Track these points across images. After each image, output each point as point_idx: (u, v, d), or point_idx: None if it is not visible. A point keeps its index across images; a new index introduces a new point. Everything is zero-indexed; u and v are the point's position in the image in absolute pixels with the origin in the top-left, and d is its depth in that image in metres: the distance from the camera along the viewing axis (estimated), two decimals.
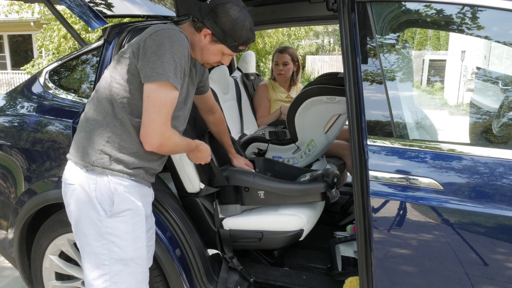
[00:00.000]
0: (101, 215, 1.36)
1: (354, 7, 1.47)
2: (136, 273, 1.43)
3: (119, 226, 1.38)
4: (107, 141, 1.37)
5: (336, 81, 2.19)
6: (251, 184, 1.85)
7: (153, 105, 1.31)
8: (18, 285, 2.61)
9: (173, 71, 1.30)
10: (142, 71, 1.32)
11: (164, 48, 1.29)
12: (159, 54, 1.29)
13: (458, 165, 1.35)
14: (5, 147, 2.02)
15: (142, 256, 1.45)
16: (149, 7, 2.67)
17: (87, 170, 1.37)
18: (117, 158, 1.37)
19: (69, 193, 1.42)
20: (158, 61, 1.29)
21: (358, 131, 1.43)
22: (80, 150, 1.40)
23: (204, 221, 1.87)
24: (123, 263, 1.40)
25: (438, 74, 13.20)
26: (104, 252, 1.38)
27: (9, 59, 16.49)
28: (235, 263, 1.87)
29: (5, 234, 2.11)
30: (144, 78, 1.31)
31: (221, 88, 2.67)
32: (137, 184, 1.43)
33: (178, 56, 1.31)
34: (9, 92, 2.22)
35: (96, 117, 1.39)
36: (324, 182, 1.83)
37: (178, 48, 1.31)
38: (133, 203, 1.40)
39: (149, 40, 1.31)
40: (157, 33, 1.32)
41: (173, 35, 1.31)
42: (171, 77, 1.30)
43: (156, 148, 1.37)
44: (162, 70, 1.29)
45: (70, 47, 9.04)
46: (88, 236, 1.39)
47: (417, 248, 1.38)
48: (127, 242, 1.39)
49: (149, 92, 1.31)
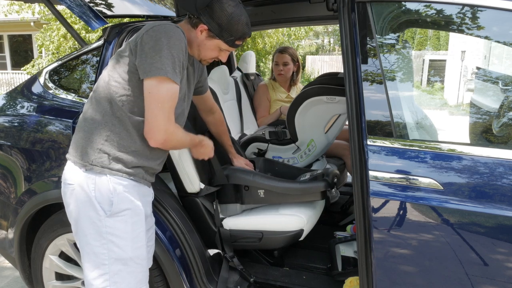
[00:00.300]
0: (100, 215, 1.36)
1: (354, 7, 1.47)
2: (136, 273, 1.43)
3: (119, 226, 1.38)
4: (105, 140, 1.37)
5: (336, 81, 2.19)
6: (251, 183, 1.85)
7: (155, 101, 1.31)
8: (18, 285, 2.61)
9: (171, 65, 1.31)
10: (140, 67, 1.32)
11: (161, 43, 1.29)
12: (157, 49, 1.29)
13: (458, 165, 1.35)
14: (5, 147, 2.02)
15: (142, 255, 1.45)
16: (149, 7, 2.67)
17: (86, 169, 1.37)
18: (116, 157, 1.37)
19: (68, 193, 1.42)
20: (156, 56, 1.29)
21: (358, 131, 1.43)
22: (79, 150, 1.40)
23: (204, 221, 1.87)
24: (123, 263, 1.40)
25: (438, 74, 13.20)
26: (103, 251, 1.38)
27: (9, 59, 16.49)
28: (236, 262, 1.88)
29: (5, 234, 2.11)
30: (143, 73, 1.31)
31: (221, 88, 2.67)
32: (136, 183, 1.43)
33: (176, 51, 1.32)
34: (9, 92, 2.22)
35: (95, 116, 1.39)
36: (324, 181, 1.83)
37: (175, 43, 1.31)
38: (132, 203, 1.40)
39: (146, 36, 1.32)
40: (154, 28, 1.32)
41: (169, 30, 1.32)
42: (170, 72, 1.30)
43: (160, 144, 1.36)
44: (161, 65, 1.29)
45: (70, 47, 9.04)
46: (88, 235, 1.39)
47: (417, 248, 1.38)
48: (126, 241, 1.39)
49: (150, 88, 1.31)
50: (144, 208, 1.45)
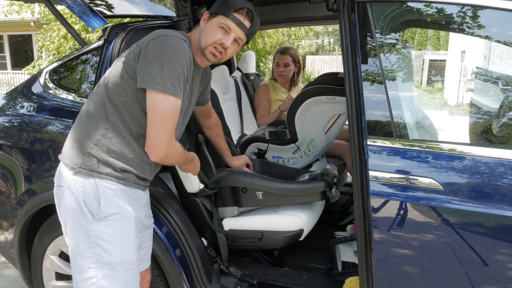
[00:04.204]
0: (88, 219, 1.34)
1: (354, 7, 1.47)
2: (124, 277, 1.40)
3: (106, 230, 1.35)
4: (95, 144, 1.35)
5: (336, 81, 2.19)
6: (249, 185, 1.83)
7: (159, 117, 1.29)
8: (18, 285, 2.61)
9: (172, 81, 1.28)
10: (139, 74, 1.30)
11: (166, 57, 1.27)
12: (160, 62, 1.27)
13: (458, 165, 1.35)
14: (5, 147, 2.02)
15: (130, 260, 1.41)
16: (149, 7, 2.67)
17: (75, 172, 1.35)
18: (105, 161, 1.35)
19: (59, 195, 1.41)
20: (157, 68, 1.27)
21: (358, 131, 1.43)
22: (69, 152, 1.38)
23: (204, 221, 1.87)
24: (110, 267, 1.37)
25: (438, 74, 13.20)
26: (91, 255, 1.36)
27: (9, 59, 16.50)
28: (233, 271, 1.86)
29: (5, 234, 2.12)
30: (140, 82, 1.29)
31: (221, 88, 2.67)
32: (126, 187, 1.39)
33: (180, 65, 1.30)
34: (9, 92, 2.22)
35: (88, 119, 1.38)
36: (324, 181, 1.82)
37: (180, 58, 1.29)
38: (120, 207, 1.37)
39: (151, 45, 1.29)
40: (160, 38, 1.30)
41: (176, 43, 1.29)
42: (169, 88, 1.28)
43: (160, 159, 1.36)
44: (161, 80, 1.27)
45: (70, 47, 9.04)
46: (76, 238, 1.37)
47: (417, 248, 1.38)
48: (114, 246, 1.37)
49: (154, 104, 1.29)
50: (135, 212, 1.42)
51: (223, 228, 1.88)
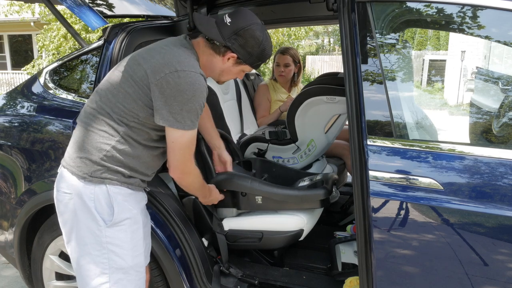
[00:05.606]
0: (100, 225, 1.36)
1: (354, 7, 1.47)
2: (135, 280, 1.45)
3: (119, 235, 1.38)
4: (104, 155, 1.36)
5: (336, 81, 2.19)
6: (248, 190, 1.82)
7: (178, 149, 1.36)
8: (18, 285, 2.61)
9: (192, 118, 1.32)
10: (158, 110, 1.31)
11: (186, 96, 1.28)
12: (180, 102, 1.28)
13: (458, 165, 1.35)
14: (5, 147, 2.02)
15: (141, 263, 1.46)
16: (149, 7, 2.67)
17: (85, 180, 1.36)
18: (114, 169, 1.37)
19: (64, 201, 1.40)
20: (177, 108, 1.29)
21: (358, 131, 1.43)
22: (76, 161, 1.38)
23: (204, 221, 1.87)
24: (123, 272, 1.41)
25: (438, 74, 13.20)
26: (104, 261, 1.38)
27: (9, 59, 16.51)
28: (233, 272, 1.87)
29: (5, 234, 2.12)
30: (160, 119, 1.31)
31: (221, 88, 2.66)
32: (132, 191, 1.43)
33: (199, 103, 1.32)
34: (9, 92, 2.22)
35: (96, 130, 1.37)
36: (324, 189, 1.81)
37: (199, 96, 1.31)
38: (131, 211, 1.41)
39: (170, 79, 1.28)
40: (179, 75, 1.28)
41: (194, 81, 1.29)
42: (189, 125, 1.32)
43: (177, 178, 1.45)
44: (181, 119, 1.30)
45: (70, 47, 9.04)
46: (88, 245, 1.38)
47: (417, 248, 1.38)
48: (126, 251, 1.40)
49: (173, 139, 1.35)
50: (141, 215, 1.46)
51: (223, 229, 1.87)
